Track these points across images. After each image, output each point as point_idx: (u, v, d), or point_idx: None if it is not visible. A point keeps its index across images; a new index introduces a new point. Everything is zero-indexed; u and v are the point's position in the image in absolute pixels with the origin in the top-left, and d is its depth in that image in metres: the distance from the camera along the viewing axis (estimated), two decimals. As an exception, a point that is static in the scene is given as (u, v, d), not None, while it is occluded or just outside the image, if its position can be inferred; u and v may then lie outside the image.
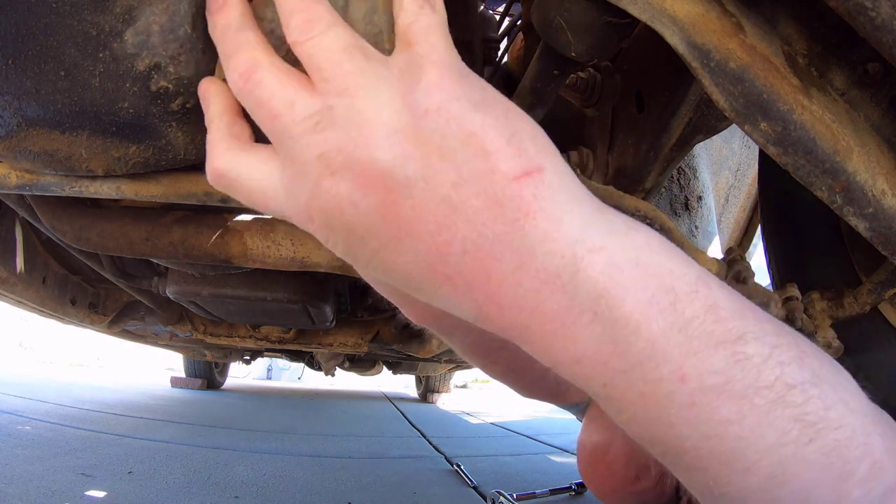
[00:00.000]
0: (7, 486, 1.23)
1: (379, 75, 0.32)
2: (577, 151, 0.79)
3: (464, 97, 0.31)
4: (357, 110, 0.31)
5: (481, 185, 0.30)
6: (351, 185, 0.30)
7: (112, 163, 0.61)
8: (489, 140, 0.30)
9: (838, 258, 0.83)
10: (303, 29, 0.32)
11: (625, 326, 0.29)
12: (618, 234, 0.31)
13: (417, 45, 0.33)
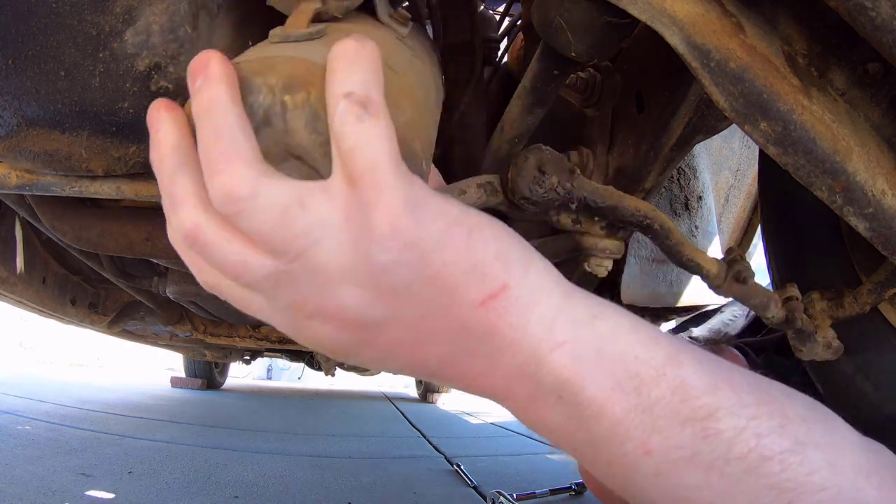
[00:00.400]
0: (7, 486, 1.23)
1: (327, 224, 0.30)
2: (577, 151, 0.79)
3: (421, 239, 0.30)
4: (314, 270, 0.30)
5: (448, 316, 0.32)
6: (328, 325, 0.32)
7: (112, 163, 0.61)
8: (451, 277, 0.31)
9: (838, 258, 0.83)
10: (226, 201, 0.29)
11: (587, 408, 0.33)
12: (582, 326, 0.34)
13: (362, 181, 0.29)
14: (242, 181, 0.29)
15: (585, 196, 0.67)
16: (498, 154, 0.76)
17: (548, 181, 0.66)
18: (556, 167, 0.66)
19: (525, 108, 0.69)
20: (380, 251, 0.30)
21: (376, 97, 0.30)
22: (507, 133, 0.73)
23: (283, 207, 0.29)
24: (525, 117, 0.70)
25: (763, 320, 0.81)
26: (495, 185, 0.71)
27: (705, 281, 0.75)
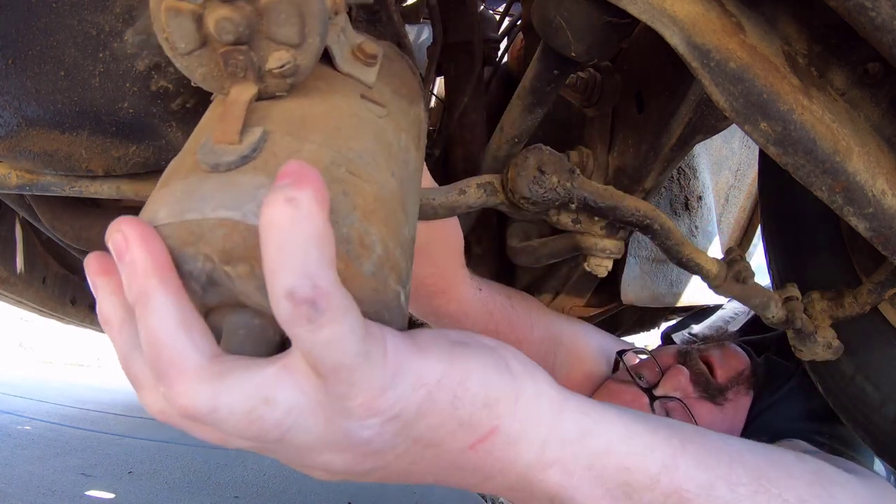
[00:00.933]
0: (7, 486, 1.23)
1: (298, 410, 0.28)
2: (577, 151, 0.79)
3: (402, 412, 0.30)
4: (294, 446, 0.30)
5: (437, 461, 0.33)
6: (319, 471, 0.33)
7: (112, 163, 0.61)
8: (437, 437, 0.32)
9: (838, 258, 0.83)
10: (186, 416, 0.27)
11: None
12: (573, 444, 0.36)
13: (329, 378, 0.27)
14: (197, 399, 0.27)
15: (585, 196, 0.67)
16: (498, 154, 0.76)
17: (548, 181, 0.66)
18: (556, 167, 0.66)
19: (525, 108, 0.69)
20: (358, 429, 0.29)
21: (325, 284, 0.25)
22: (507, 133, 0.73)
23: (247, 411, 0.27)
24: (525, 117, 0.70)
25: (763, 320, 0.81)
26: (495, 185, 0.71)
27: (705, 281, 0.75)
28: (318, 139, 0.34)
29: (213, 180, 0.31)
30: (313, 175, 0.26)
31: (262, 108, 0.35)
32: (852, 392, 0.83)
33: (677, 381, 0.97)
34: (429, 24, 1.28)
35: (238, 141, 0.32)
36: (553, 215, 0.71)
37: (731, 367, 1.02)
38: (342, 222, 0.31)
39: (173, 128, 0.58)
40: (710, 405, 0.97)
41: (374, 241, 0.33)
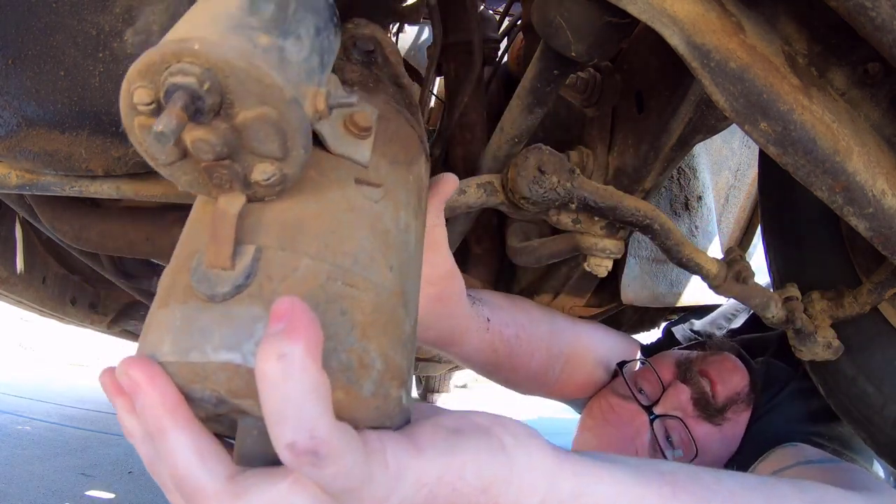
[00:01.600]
0: (7, 486, 1.23)
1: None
2: (577, 151, 0.79)
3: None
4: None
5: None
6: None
7: (112, 163, 0.61)
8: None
9: (838, 258, 0.83)
10: None
11: None
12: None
13: (339, 498, 0.30)
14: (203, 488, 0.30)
15: (585, 196, 0.67)
16: (498, 154, 0.76)
17: (548, 181, 0.66)
18: (556, 167, 0.66)
19: (525, 108, 0.69)
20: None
21: (323, 433, 0.27)
22: (507, 133, 0.73)
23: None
24: (525, 117, 0.70)
25: (763, 320, 0.81)
26: (495, 185, 0.71)
27: (705, 281, 0.75)
28: (312, 250, 0.34)
29: (210, 312, 0.31)
30: (305, 318, 0.27)
31: (254, 211, 0.35)
32: (854, 393, 0.83)
33: (678, 401, 0.97)
34: (429, 24, 1.28)
35: (231, 266, 0.32)
36: (553, 215, 0.71)
37: (730, 386, 1.01)
38: (341, 348, 0.32)
39: (173, 128, 0.58)
40: (708, 426, 0.97)
41: (373, 357, 0.33)
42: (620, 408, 1.01)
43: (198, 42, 0.29)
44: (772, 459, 0.86)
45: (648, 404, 0.98)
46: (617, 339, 1.16)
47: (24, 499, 1.16)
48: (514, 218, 0.92)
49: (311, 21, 0.35)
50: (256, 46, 0.31)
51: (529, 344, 0.95)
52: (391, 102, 0.46)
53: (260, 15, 0.32)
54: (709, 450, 0.97)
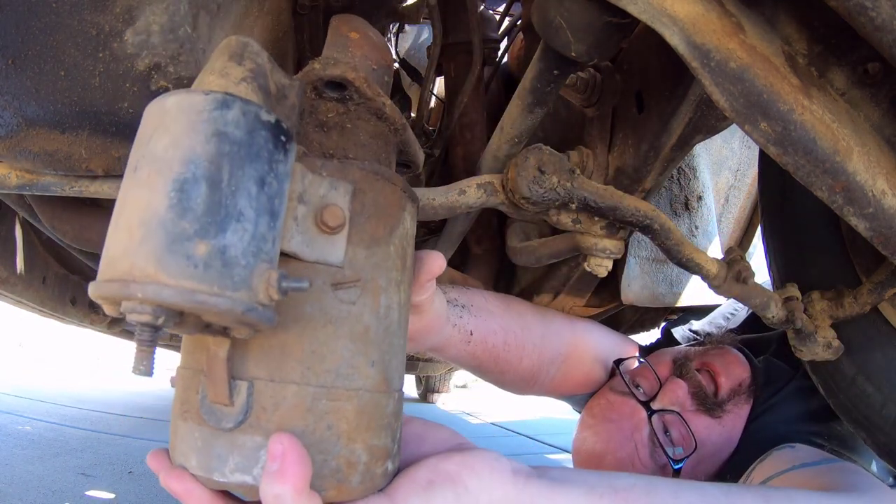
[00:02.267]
0: (7, 486, 1.23)
1: None
2: (577, 151, 0.79)
3: None
4: None
5: None
6: None
7: (112, 163, 0.61)
8: None
9: (838, 258, 0.83)
10: None
11: None
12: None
13: None
14: None
15: (585, 196, 0.67)
16: (498, 154, 0.76)
17: (548, 181, 0.66)
18: (556, 167, 0.66)
19: (525, 108, 0.69)
20: None
21: None
22: (507, 133, 0.73)
23: None
24: (525, 117, 0.70)
25: (763, 320, 0.81)
26: (495, 185, 0.71)
27: (705, 281, 0.75)
28: (296, 376, 0.39)
29: (222, 439, 0.39)
30: (294, 457, 0.36)
31: (241, 344, 0.39)
32: (853, 393, 0.83)
33: (675, 395, 0.98)
34: (429, 24, 1.28)
35: (230, 402, 0.38)
36: (553, 215, 0.71)
37: (734, 377, 1.01)
38: (330, 457, 0.39)
39: (173, 128, 0.58)
40: (707, 419, 0.98)
41: (359, 454, 0.40)
42: (619, 404, 1.01)
43: (139, 287, 0.30)
44: (768, 463, 0.86)
45: (646, 400, 0.99)
46: (615, 339, 1.16)
47: (24, 499, 1.16)
48: (514, 218, 0.92)
49: (251, 176, 0.33)
50: (196, 265, 0.31)
51: (519, 349, 0.96)
52: (369, 163, 0.45)
53: (192, 212, 0.31)
54: (709, 442, 0.97)
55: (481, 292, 0.95)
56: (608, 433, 1.01)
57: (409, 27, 1.56)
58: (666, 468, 0.97)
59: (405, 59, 1.34)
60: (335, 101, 0.46)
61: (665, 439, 0.96)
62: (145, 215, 0.32)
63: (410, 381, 5.82)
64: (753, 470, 0.88)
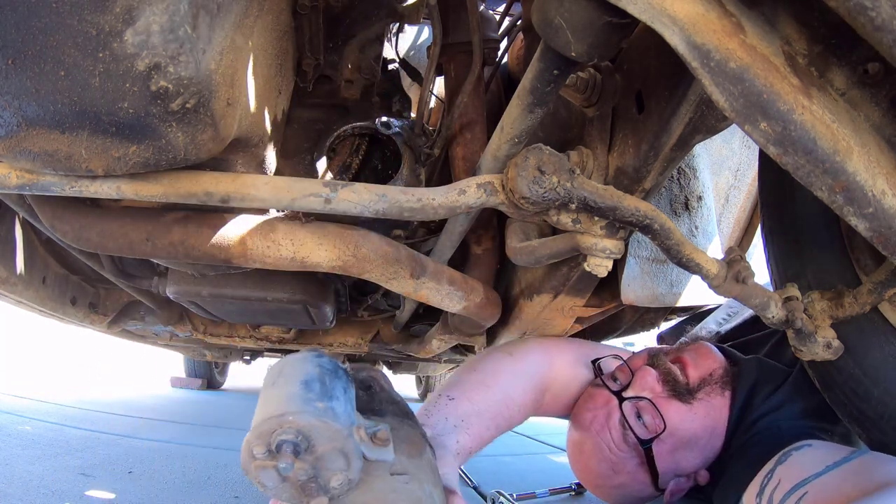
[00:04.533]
0: (7, 486, 1.23)
1: None
2: (577, 151, 0.79)
3: None
4: None
5: None
6: None
7: (112, 163, 0.61)
8: None
9: (838, 258, 0.83)
10: None
11: None
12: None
13: None
14: None
15: (585, 196, 0.67)
16: (498, 154, 0.76)
17: (548, 181, 0.66)
18: (556, 167, 0.66)
19: (525, 108, 0.69)
20: None
21: None
22: (507, 133, 0.73)
23: None
24: (525, 117, 0.70)
25: (763, 320, 0.81)
26: (495, 185, 0.71)
27: (705, 281, 0.75)
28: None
29: None
30: None
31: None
32: (849, 388, 0.83)
33: (645, 382, 1.06)
34: (429, 24, 1.28)
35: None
36: (553, 215, 0.71)
37: (703, 367, 1.09)
38: None
39: (173, 128, 0.58)
40: (678, 404, 1.05)
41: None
42: (596, 395, 1.10)
43: (291, 416, 0.55)
44: (792, 465, 0.88)
45: (618, 389, 1.07)
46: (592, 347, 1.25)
47: (24, 499, 1.16)
48: (514, 218, 0.92)
49: (340, 386, 0.63)
50: (318, 410, 0.57)
51: (508, 420, 1.07)
52: (397, 416, 0.73)
53: (313, 391, 0.59)
54: (682, 427, 1.04)
55: (463, 387, 1.04)
56: (586, 421, 1.10)
57: (409, 27, 1.56)
58: (637, 449, 1.04)
59: (405, 59, 1.34)
60: (365, 391, 0.76)
61: (636, 423, 1.04)
62: (288, 392, 0.59)
63: (410, 380, 5.82)
64: (774, 472, 0.89)
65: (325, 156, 1.10)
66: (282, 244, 0.89)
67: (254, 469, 0.57)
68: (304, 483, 0.57)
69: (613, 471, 1.09)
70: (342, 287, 1.45)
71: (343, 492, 0.59)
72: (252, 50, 0.71)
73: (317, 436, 0.56)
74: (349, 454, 0.57)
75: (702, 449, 1.07)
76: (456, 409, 0.98)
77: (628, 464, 1.08)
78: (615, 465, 1.08)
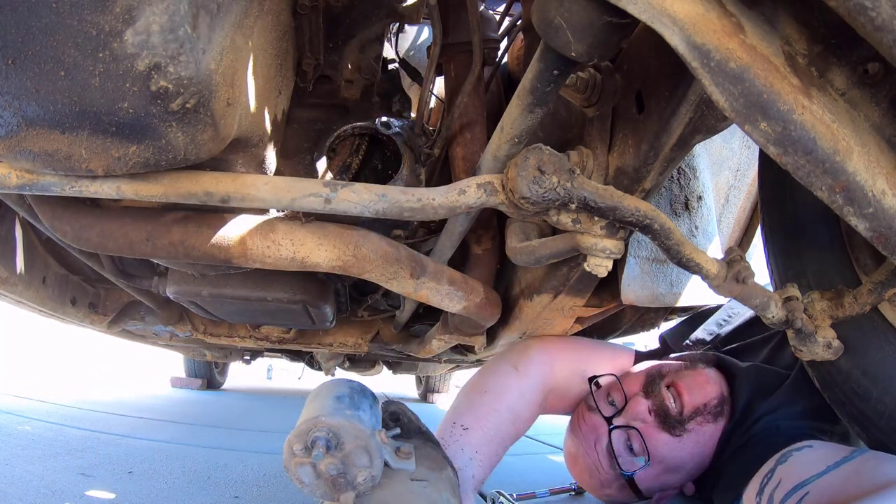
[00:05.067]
0: (7, 486, 1.23)
1: None
2: (577, 151, 0.79)
3: None
4: None
5: None
6: None
7: (112, 163, 0.61)
8: None
9: (838, 257, 0.83)
10: None
11: None
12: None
13: None
14: None
15: (585, 196, 0.67)
16: (498, 154, 0.76)
17: (548, 181, 0.66)
18: (556, 167, 0.66)
19: (525, 108, 0.69)
20: None
21: None
22: (507, 133, 0.73)
23: None
24: (525, 117, 0.70)
25: (763, 320, 0.81)
26: (495, 185, 0.71)
27: (705, 281, 0.75)
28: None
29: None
30: None
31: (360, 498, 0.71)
32: (848, 387, 0.83)
33: (636, 412, 1.09)
34: (429, 24, 1.28)
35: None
36: (553, 215, 0.71)
37: (698, 397, 1.10)
38: None
39: (173, 128, 0.58)
40: (667, 436, 1.07)
41: None
42: (588, 418, 1.14)
43: (324, 417, 0.68)
44: (793, 465, 0.89)
45: (610, 416, 1.10)
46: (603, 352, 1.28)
47: (24, 499, 1.16)
48: (514, 218, 0.92)
49: (366, 402, 0.76)
50: (347, 415, 0.69)
51: (515, 436, 1.12)
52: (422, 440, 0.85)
53: (343, 403, 0.72)
54: (669, 456, 1.07)
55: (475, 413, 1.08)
56: (578, 441, 1.15)
57: (409, 27, 1.55)
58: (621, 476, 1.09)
59: (405, 59, 1.34)
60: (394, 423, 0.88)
61: (624, 450, 1.08)
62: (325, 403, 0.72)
63: (410, 381, 5.83)
64: (774, 472, 0.89)
65: (325, 156, 1.10)
66: (282, 244, 0.89)
67: (293, 466, 0.69)
68: (334, 478, 0.68)
69: (601, 485, 1.16)
70: (342, 287, 1.45)
71: (367, 488, 0.70)
72: (252, 50, 0.71)
73: (345, 434, 0.68)
74: (372, 452, 0.68)
75: (688, 472, 1.11)
76: (470, 440, 1.04)
77: (614, 483, 1.14)
78: (603, 482, 1.15)
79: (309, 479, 0.69)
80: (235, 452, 1.99)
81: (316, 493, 0.70)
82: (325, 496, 0.70)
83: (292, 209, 0.76)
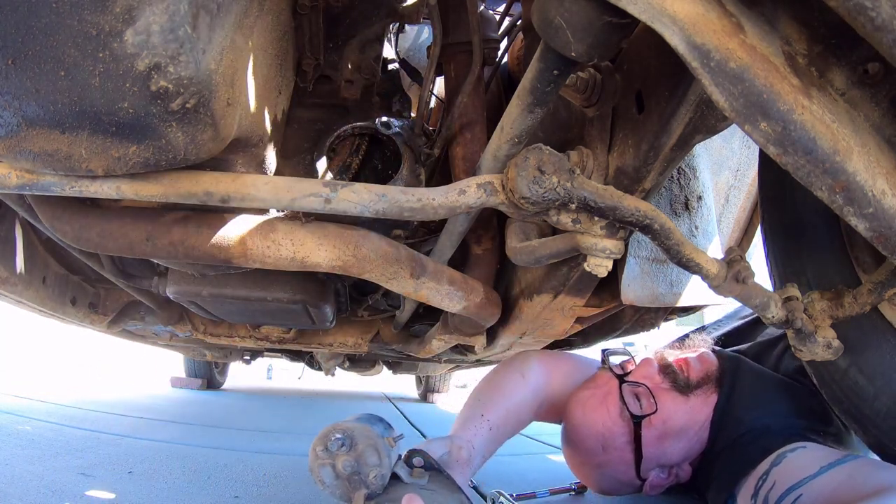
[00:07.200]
0: (7, 486, 1.23)
1: None
2: (577, 151, 0.79)
3: None
4: None
5: None
6: None
7: (112, 163, 0.61)
8: None
9: (838, 257, 0.84)
10: None
11: None
12: None
13: None
14: None
15: (585, 196, 0.67)
16: (498, 154, 0.76)
17: (548, 181, 0.66)
18: (556, 167, 0.66)
19: (525, 108, 0.69)
20: None
21: None
22: (507, 133, 0.73)
23: None
24: (525, 117, 0.70)
25: (763, 320, 0.81)
26: (495, 185, 0.71)
27: (705, 281, 0.75)
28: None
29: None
30: None
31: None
32: (846, 385, 0.83)
33: (646, 371, 1.17)
34: (429, 24, 1.28)
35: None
36: (553, 215, 0.71)
37: (702, 369, 1.19)
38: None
39: (173, 128, 0.58)
40: (675, 394, 1.14)
41: None
42: (598, 376, 1.22)
43: (341, 423, 0.81)
44: (789, 466, 0.90)
45: (621, 374, 1.18)
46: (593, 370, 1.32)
47: (24, 499, 1.16)
48: (514, 218, 0.92)
49: (380, 423, 0.87)
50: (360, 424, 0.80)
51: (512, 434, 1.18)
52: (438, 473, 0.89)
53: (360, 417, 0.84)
54: (674, 416, 1.12)
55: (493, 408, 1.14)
56: (585, 399, 1.20)
57: (409, 27, 1.56)
58: (629, 424, 1.12)
59: (405, 59, 1.34)
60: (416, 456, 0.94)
61: (632, 401, 1.13)
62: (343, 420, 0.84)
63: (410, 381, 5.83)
64: (769, 474, 0.90)
65: (325, 156, 1.10)
66: (282, 244, 0.89)
67: (317, 467, 0.79)
68: (349, 476, 0.78)
69: (602, 446, 1.17)
70: (342, 287, 1.45)
71: (378, 486, 0.79)
72: (252, 50, 0.71)
73: (358, 436, 0.79)
74: (381, 451, 0.79)
75: (688, 440, 1.14)
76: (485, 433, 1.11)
77: (617, 440, 1.15)
78: (605, 440, 1.16)
79: (329, 480, 0.80)
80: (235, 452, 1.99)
81: (336, 494, 0.80)
82: (342, 497, 0.79)
83: (292, 209, 0.76)
